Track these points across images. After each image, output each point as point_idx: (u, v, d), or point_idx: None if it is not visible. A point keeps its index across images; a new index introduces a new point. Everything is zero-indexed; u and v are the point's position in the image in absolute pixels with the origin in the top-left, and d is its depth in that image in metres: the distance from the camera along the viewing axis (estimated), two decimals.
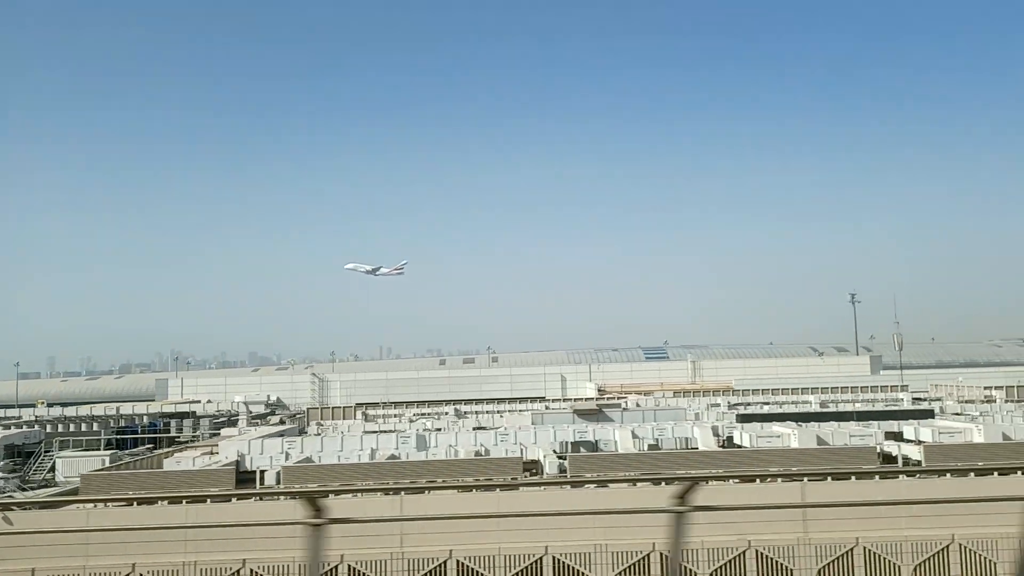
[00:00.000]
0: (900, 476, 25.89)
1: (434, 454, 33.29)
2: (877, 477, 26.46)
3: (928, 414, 38.73)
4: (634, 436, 35.06)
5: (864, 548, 24.81)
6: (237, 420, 71.64)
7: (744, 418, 40.42)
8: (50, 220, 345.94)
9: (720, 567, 23.87)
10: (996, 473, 24.26)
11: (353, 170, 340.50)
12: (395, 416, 63.82)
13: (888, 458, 30.27)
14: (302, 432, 50.68)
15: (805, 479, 25.96)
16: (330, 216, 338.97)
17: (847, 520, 23.41)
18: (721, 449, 33.03)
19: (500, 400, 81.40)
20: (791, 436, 31.01)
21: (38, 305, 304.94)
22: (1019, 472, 27.21)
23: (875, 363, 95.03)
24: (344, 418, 65.80)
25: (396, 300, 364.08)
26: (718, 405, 62.62)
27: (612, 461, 29.68)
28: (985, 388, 69.64)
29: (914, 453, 30.08)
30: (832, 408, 46.02)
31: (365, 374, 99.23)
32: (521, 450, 31.55)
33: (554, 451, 33.31)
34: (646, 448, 33.97)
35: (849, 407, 48.31)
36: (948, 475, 26.36)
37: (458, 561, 24.39)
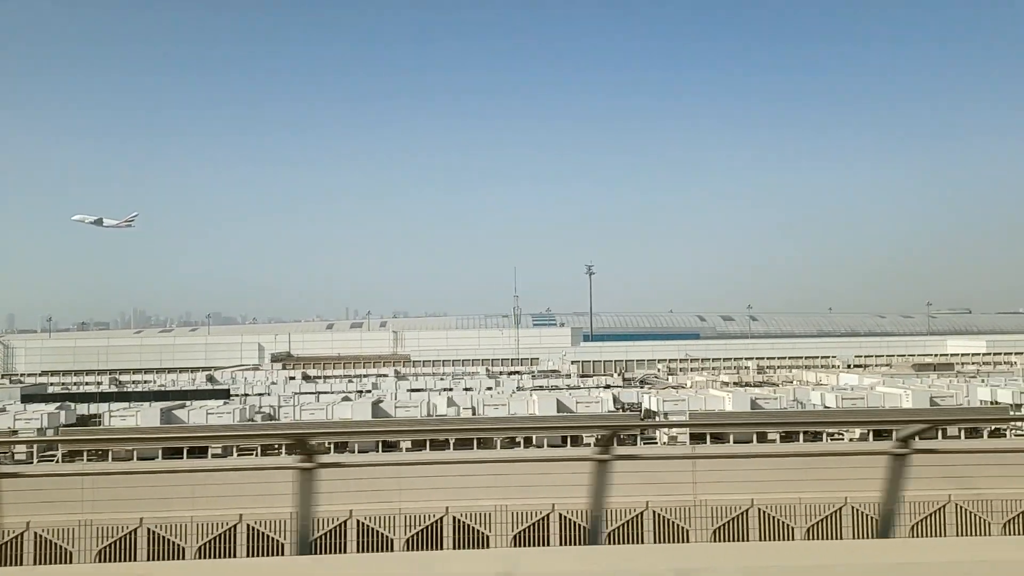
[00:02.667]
0: None
1: None
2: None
3: (224, 394, 39.31)
4: None
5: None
6: None
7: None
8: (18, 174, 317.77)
9: None
10: None
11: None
12: None
13: None
14: None
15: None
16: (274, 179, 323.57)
17: None
18: None
19: (184, 370, 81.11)
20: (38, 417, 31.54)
21: None
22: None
23: (576, 335, 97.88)
24: None
25: (362, 264, 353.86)
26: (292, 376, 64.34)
27: None
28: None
29: None
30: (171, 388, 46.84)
31: (53, 341, 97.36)
32: None
33: None
34: None
35: (341, 384, 49.30)
36: None
37: None
